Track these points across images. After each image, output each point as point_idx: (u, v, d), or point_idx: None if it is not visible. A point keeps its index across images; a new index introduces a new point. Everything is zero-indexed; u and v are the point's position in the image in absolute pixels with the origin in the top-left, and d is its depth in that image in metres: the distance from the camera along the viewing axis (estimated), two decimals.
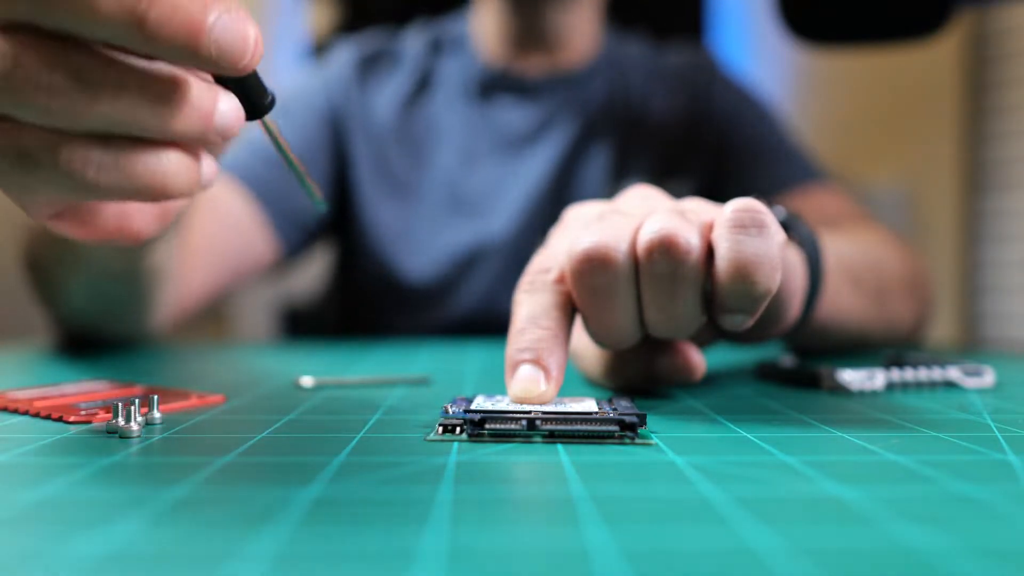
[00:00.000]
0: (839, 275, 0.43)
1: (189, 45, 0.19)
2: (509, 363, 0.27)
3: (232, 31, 0.20)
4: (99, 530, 0.15)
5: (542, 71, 0.74)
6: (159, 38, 0.19)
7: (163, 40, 0.19)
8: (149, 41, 0.19)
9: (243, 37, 0.20)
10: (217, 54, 0.20)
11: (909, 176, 1.58)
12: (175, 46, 0.19)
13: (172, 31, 0.19)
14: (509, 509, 0.16)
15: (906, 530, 0.15)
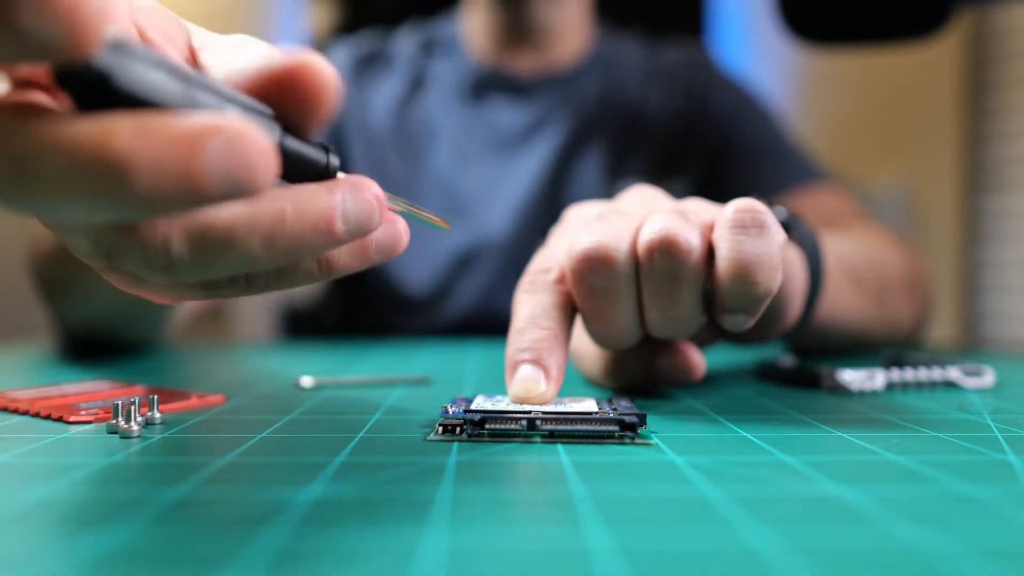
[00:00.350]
0: (839, 275, 0.43)
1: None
2: (509, 363, 0.27)
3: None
4: (99, 530, 0.15)
5: (533, 70, 0.74)
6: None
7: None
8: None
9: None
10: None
11: (909, 176, 1.58)
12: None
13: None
14: (509, 509, 0.16)
15: (906, 530, 0.15)
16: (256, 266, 0.19)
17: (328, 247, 0.19)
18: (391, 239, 0.22)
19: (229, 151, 0.16)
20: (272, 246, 0.18)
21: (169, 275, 0.19)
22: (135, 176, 0.15)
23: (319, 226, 0.19)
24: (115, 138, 0.15)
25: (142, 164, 0.15)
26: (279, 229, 0.18)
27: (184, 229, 0.18)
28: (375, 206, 0.20)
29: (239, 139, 0.16)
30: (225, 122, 0.16)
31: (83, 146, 0.15)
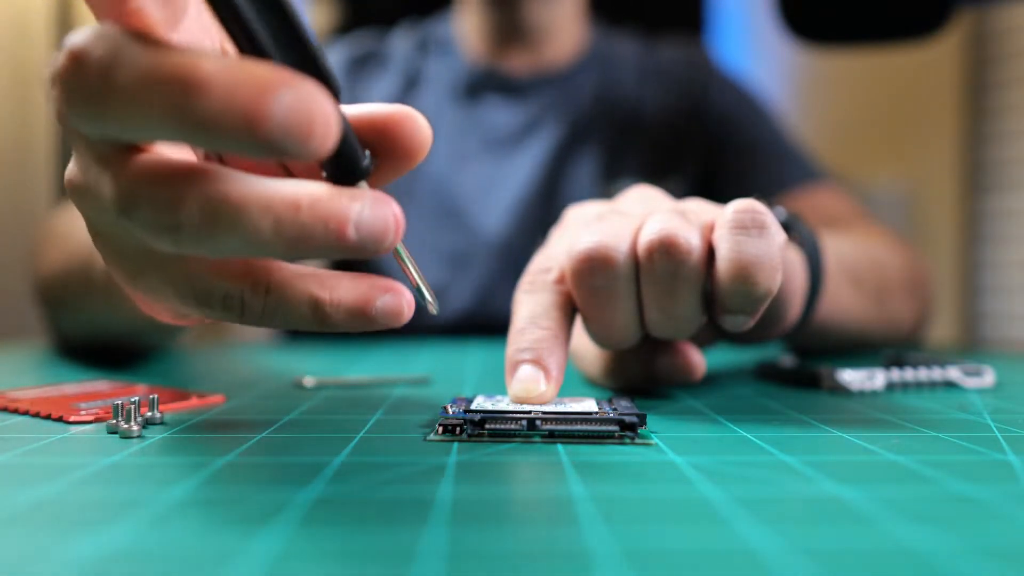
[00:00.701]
0: (839, 275, 0.43)
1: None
2: (509, 363, 0.27)
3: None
4: (99, 530, 0.15)
5: (528, 69, 0.74)
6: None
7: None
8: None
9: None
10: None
11: (909, 176, 1.58)
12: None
13: None
14: (509, 509, 0.16)
15: (906, 530, 0.15)
16: (260, 251, 0.19)
17: (336, 250, 0.19)
18: (395, 308, 0.22)
19: (297, 106, 0.17)
20: (280, 232, 0.18)
21: (172, 237, 0.19)
22: (206, 97, 0.16)
23: (330, 225, 0.19)
24: (203, 62, 0.17)
25: (217, 88, 0.16)
26: (290, 217, 0.18)
27: (200, 192, 0.18)
28: (391, 225, 0.20)
29: (310, 100, 0.17)
30: (302, 81, 0.17)
31: (171, 58, 0.17)
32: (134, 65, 0.17)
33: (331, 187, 0.19)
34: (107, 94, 0.18)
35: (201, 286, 0.21)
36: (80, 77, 0.18)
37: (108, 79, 0.17)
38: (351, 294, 0.21)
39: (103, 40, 0.18)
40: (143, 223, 0.19)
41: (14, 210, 1.45)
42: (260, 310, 0.21)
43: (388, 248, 0.20)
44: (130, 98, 0.17)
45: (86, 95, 0.18)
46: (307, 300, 0.21)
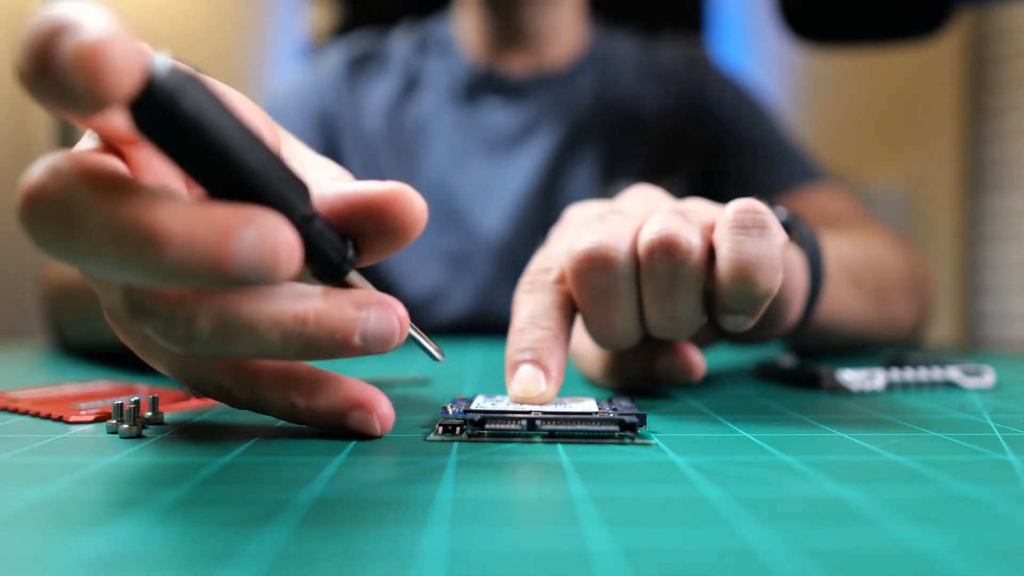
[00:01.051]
0: (840, 275, 0.43)
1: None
2: (509, 363, 0.27)
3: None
4: (99, 530, 0.15)
5: (527, 71, 0.74)
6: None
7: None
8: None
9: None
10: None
11: (909, 176, 1.57)
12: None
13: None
14: (509, 509, 0.16)
15: (906, 530, 0.15)
16: (269, 355, 0.20)
17: (344, 354, 0.20)
18: (367, 423, 0.23)
19: (260, 241, 0.17)
20: (288, 343, 0.20)
21: (185, 347, 0.19)
22: (167, 249, 0.16)
23: (336, 336, 0.20)
24: (160, 211, 0.16)
25: (177, 239, 0.16)
26: (299, 330, 0.20)
27: (211, 309, 0.19)
28: (396, 330, 0.21)
29: (272, 233, 0.17)
30: (262, 214, 0.17)
31: (126, 210, 0.16)
32: (90, 216, 0.16)
33: (337, 296, 0.20)
34: (66, 241, 0.17)
35: (196, 375, 0.22)
36: (38, 220, 0.17)
37: (64, 226, 0.17)
38: (325, 403, 0.22)
39: (57, 180, 0.17)
40: (155, 331, 0.19)
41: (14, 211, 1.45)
42: (246, 401, 0.23)
43: (393, 347, 0.21)
44: (90, 248, 0.17)
45: (46, 237, 0.17)
46: (286, 403, 0.22)
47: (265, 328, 0.19)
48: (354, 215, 0.22)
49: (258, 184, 0.18)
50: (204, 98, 0.17)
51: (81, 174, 0.17)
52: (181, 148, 0.17)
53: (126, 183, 0.17)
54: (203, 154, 0.17)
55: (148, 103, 0.16)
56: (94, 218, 0.16)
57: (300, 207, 0.19)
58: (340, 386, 0.23)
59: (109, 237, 0.16)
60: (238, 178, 0.18)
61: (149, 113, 0.17)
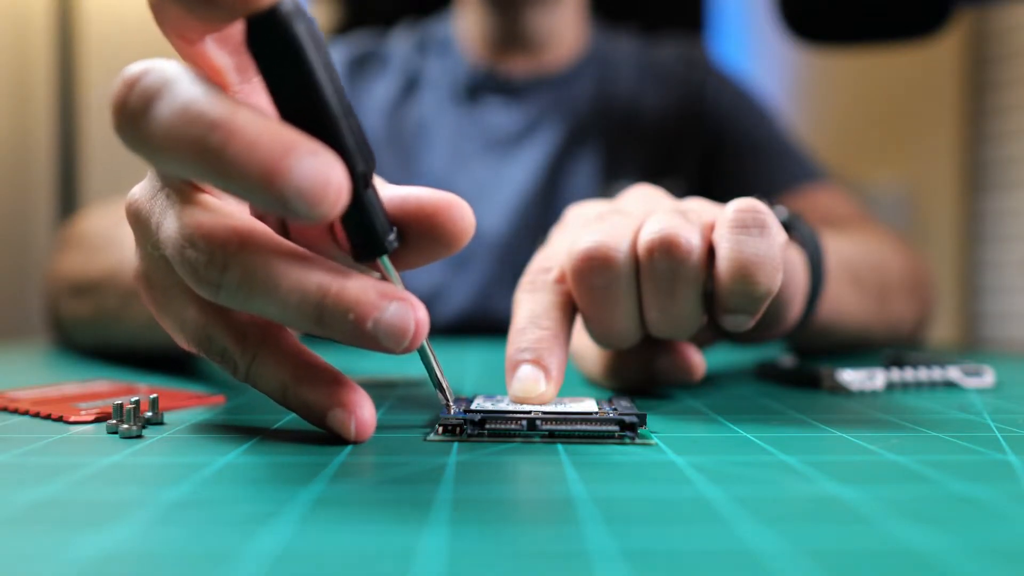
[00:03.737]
0: (840, 275, 0.43)
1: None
2: (509, 363, 0.27)
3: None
4: (99, 530, 0.15)
5: (527, 71, 0.74)
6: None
7: None
8: None
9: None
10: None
11: (909, 176, 1.57)
12: None
13: None
14: (509, 509, 0.16)
15: (906, 530, 0.15)
16: (284, 319, 0.21)
17: (354, 338, 0.20)
18: (343, 425, 0.23)
19: (315, 171, 0.18)
20: (303, 310, 0.20)
21: (212, 290, 0.20)
22: (232, 144, 0.18)
23: (349, 316, 0.20)
24: (240, 112, 0.18)
25: (243, 138, 0.18)
26: (317, 299, 0.20)
27: (246, 259, 0.20)
28: (411, 330, 0.21)
29: (328, 167, 0.18)
30: (325, 151, 0.19)
31: (211, 101, 0.19)
32: (175, 100, 0.19)
33: (364, 280, 0.21)
34: (143, 124, 0.19)
35: (206, 335, 0.23)
36: (126, 104, 0.19)
37: (148, 109, 0.19)
38: (311, 394, 0.23)
39: (155, 72, 0.19)
40: (188, 269, 0.21)
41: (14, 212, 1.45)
42: (244, 372, 0.23)
43: (406, 349, 0.21)
44: (163, 131, 0.19)
45: (128, 121, 0.19)
46: (278, 382, 0.23)
47: (287, 288, 0.20)
48: (403, 217, 0.23)
49: (333, 126, 0.20)
50: (313, 34, 0.19)
51: (186, 71, 0.20)
52: (279, 71, 0.19)
53: (214, 84, 0.19)
54: (296, 82, 0.19)
55: (268, 20, 0.18)
56: (179, 101, 0.19)
57: (361, 165, 0.21)
58: (331, 382, 0.23)
59: (185, 120, 0.18)
60: (319, 114, 0.19)
61: (265, 30, 0.19)
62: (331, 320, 0.20)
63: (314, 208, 0.18)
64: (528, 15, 0.72)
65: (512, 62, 0.74)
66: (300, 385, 0.23)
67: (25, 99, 1.43)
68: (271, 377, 0.23)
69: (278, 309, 0.20)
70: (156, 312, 0.24)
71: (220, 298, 0.21)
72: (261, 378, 0.23)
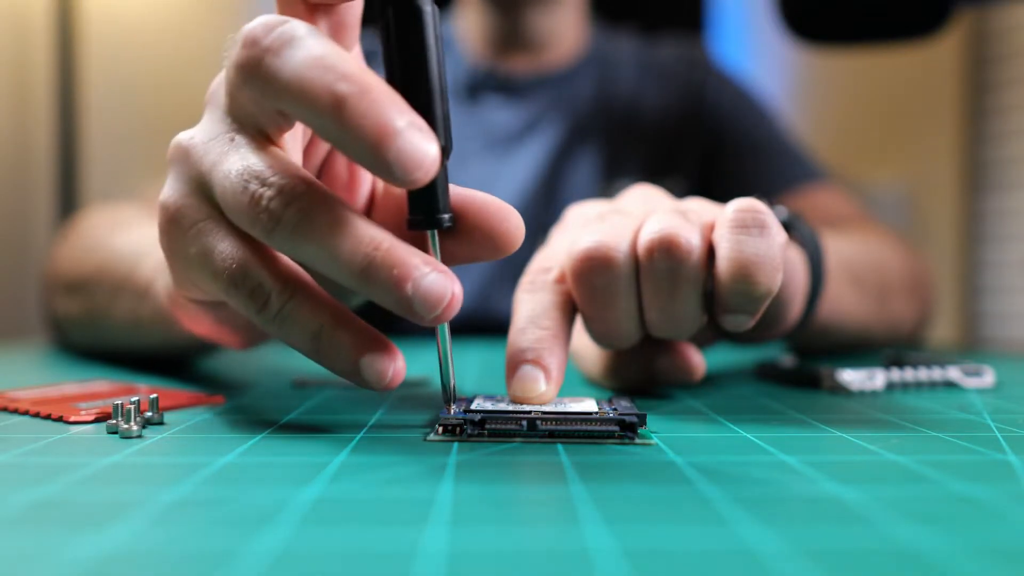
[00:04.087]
0: (841, 275, 0.43)
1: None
2: (509, 363, 0.27)
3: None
4: (99, 530, 0.15)
5: (528, 70, 0.74)
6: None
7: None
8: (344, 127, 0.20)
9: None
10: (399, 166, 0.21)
11: (909, 176, 1.57)
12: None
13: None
14: (509, 509, 0.16)
15: (906, 530, 0.15)
16: (328, 268, 0.21)
17: (391, 298, 0.21)
18: (380, 371, 0.23)
19: (418, 142, 0.20)
20: (352, 260, 0.21)
21: (266, 228, 0.21)
22: (356, 102, 0.20)
23: (393, 272, 0.21)
24: (366, 74, 0.20)
25: (368, 98, 0.20)
26: (366, 251, 0.21)
27: (309, 200, 0.21)
28: (446, 299, 0.21)
29: (430, 143, 0.20)
30: (430, 133, 0.20)
31: (331, 50, 0.20)
32: (312, 48, 0.20)
33: (412, 247, 0.22)
34: (276, 62, 0.21)
35: (242, 269, 0.23)
36: (260, 41, 0.21)
37: (283, 50, 0.21)
38: (348, 337, 0.23)
39: (293, 24, 0.21)
40: (248, 202, 0.22)
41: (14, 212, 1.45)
42: (276, 310, 0.23)
43: (436, 319, 0.22)
44: (295, 72, 0.20)
45: (258, 56, 0.21)
46: (315, 323, 0.23)
47: (343, 233, 0.21)
48: (462, 210, 0.24)
49: (433, 102, 0.22)
50: (435, 17, 0.22)
51: (310, 27, 0.21)
52: (403, 44, 0.22)
53: (338, 44, 0.22)
54: (415, 56, 0.22)
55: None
56: (314, 46, 0.20)
57: (444, 141, 0.23)
58: (367, 329, 0.23)
59: (321, 65, 0.20)
60: (425, 89, 0.22)
61: (401, 4, 0.21)
62: (375, 275, 0.21)
63: (409, 173, 0.20)
64: (529, 14, 0.72)
65: (513, 61, 0.74)
66: (337, 327, 0.22)
67: (25, 99, 1.43)
68: (308, 317, 0.22)
69: (328, 254, 0.21)
70: (174, 252, 0.24)
71: (274, 234, 0.21)
72: (295, 319, 0.22)
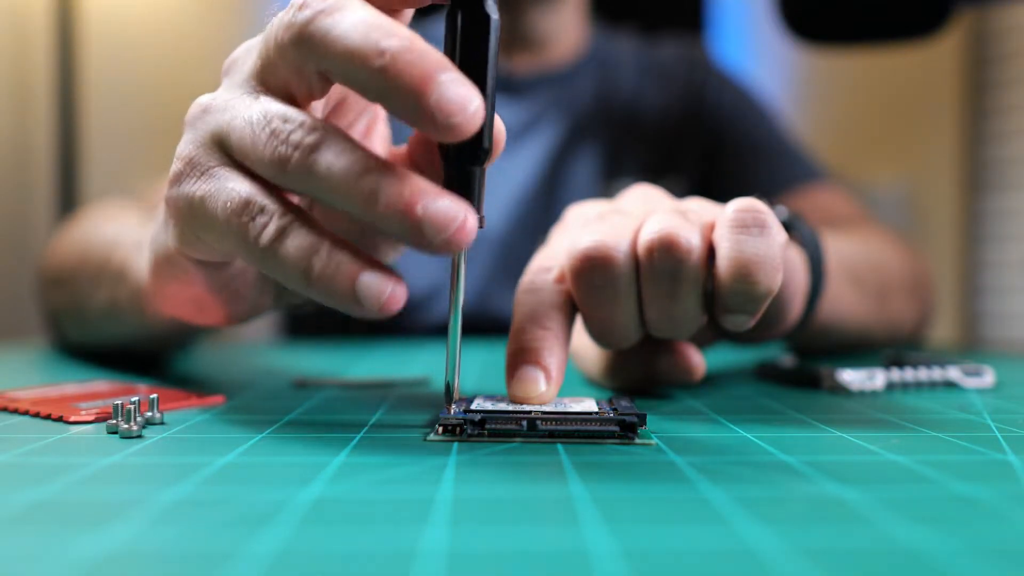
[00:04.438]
0: (841, 275, 0.43)
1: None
2: (509, 363, 0.27)
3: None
4: (99, 530, 0.15)
5: (528, 70, 0.74)
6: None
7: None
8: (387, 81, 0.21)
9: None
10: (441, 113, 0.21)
11: (909, 176, 1.57)
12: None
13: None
14: (509, 509, 0.16)
15: (906, 530, 0.15)
16: (345, 191, 0.22)
17: (401, 221, 0.21)
18: (378, 289, 0.22)
19: (456, 91, 0.21)
20: (365, 178, 0.21)
21: (285, 154, 0.22)
22: (397, 58, 0.21)
23: (405, 192, 0.21)
24: (415, 38, 0.21)
25: (415, 51, 0.21)
26: (378, 176, 0.21)
27: (328, 131, 0.22)
28: (458, 223, 0.21)
29: (470, 94, 0.21)
30: (473, 87, 0.21)
31: (387, 21, 0.21)
32: (362, 12, 0.22)
33: (426, 179, 0.22)
34: (326, 22, 0.22)
35: (247, 200, 0.23)
36: (311, 3, 0.22)
37: (335, 12, 0.22)
38: (346, 259, 0.22)
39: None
40: (269, 135, 0.22)
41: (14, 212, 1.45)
42: (273, 235, 0.23)
43: (445, 243, 0.21)
44: (345, 31, 0.21)
45: (310, 16, 0.22)
46: (312, 244, 0.22)
47: (359, 158, 0.22)
48: None
49: (487, 107, 0.23)
50: (497, 20, 0.24)
51: None
52: (468, 46, 0.23)
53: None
54: (477, 59, 0.23)
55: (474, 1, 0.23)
56: (364, 10, 0.22)
57: (487, 143, 0.23)
58: (363, 254, 0.23)
59: (371, 25, 0.21)
60: (482, 94, 0.22)
61: (469, 5, 0.24)
62: (386, 197, 0.21)
63: (451, 117, 0.21)
64: (530, 13, 0.72)
65: (514, 61, 0.74)
66: (336, 246, 0.22)
67: (25, 99, 1.43)
68: (308, 237, 0.23)
69: (341, 179, 0.21)
70: (181, 199, 0.25)
71: (290, 164, 0.22)
72: (295, 239, 0.23)
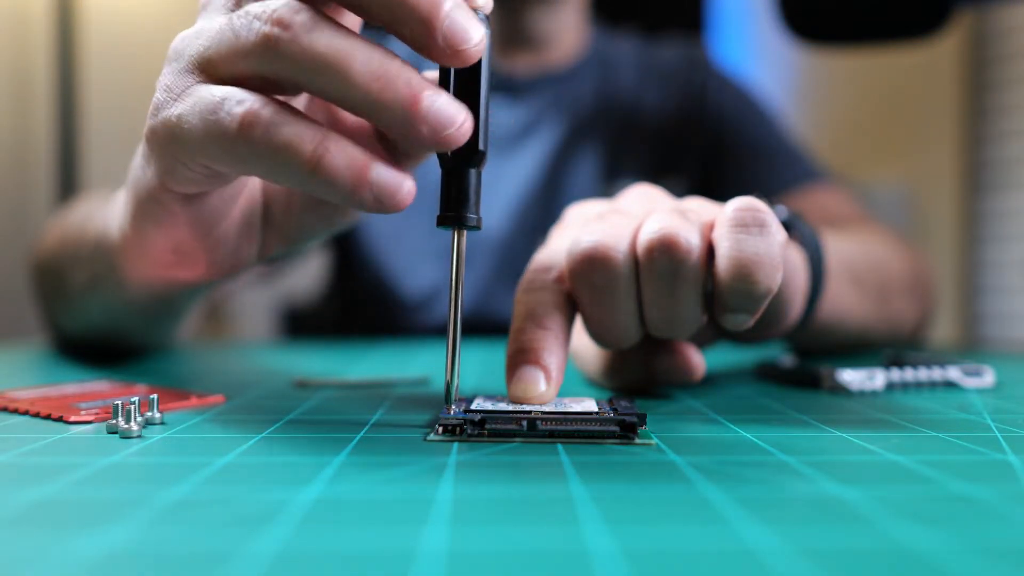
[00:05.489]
0: (841, 275, 0.43)
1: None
2: (509, 363, 0.27)
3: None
4: (99, 530, 0.15)
5: (529, 70, 0.74)
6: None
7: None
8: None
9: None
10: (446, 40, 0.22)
11: (909, 176, 1.57)
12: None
13: None
14: (509, 509, 0.16)
15: (906, 530, 0.15)
16: (348, 76, 0.22)
17: (403, 115, 0.22)
18: (391, 183, 0.22)
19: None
20: (370, 63, 0.22)
21: (271, 45, 0.22)
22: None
23: (411, 83, 0.22)
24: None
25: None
26: (377, 62, 0.22)
27: (311, 13, 0.22)
28: (458, 122, 0.22)
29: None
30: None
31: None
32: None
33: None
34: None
35: (237, 94, 0.22)
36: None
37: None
38: (355, 150, 0.22)
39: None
40: (257, 15, 0.22)
41: (14, 210, 1.45)
42: (267, 122, 0.22)
43: (444, 139, 0.22)
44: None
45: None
46: (312, 134, 0.22)
47: (353, 44, 0.22)
48: None
49: (480, 110, 0.24)
50: (490, 39, 0.24)
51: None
52: None
53: None
54: (472, 72, 0.24)
55: None
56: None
57: (483, 144, 0.24)
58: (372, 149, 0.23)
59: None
60: (476, 102, 0.24)
61: None
62: (391, 86, 0.21)
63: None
64: (531, 14, 0.72)
65: (514, 61, 0.74)
66: (341, 140, 0.22)
67: (25, 99, 1.43)
68: (307, 128, 0.22)
69: (339, 62, 0.21)
70: (160, 125, 0.24)
71: (281, 45, 0.22)
72: (293, 127, 0.22)
